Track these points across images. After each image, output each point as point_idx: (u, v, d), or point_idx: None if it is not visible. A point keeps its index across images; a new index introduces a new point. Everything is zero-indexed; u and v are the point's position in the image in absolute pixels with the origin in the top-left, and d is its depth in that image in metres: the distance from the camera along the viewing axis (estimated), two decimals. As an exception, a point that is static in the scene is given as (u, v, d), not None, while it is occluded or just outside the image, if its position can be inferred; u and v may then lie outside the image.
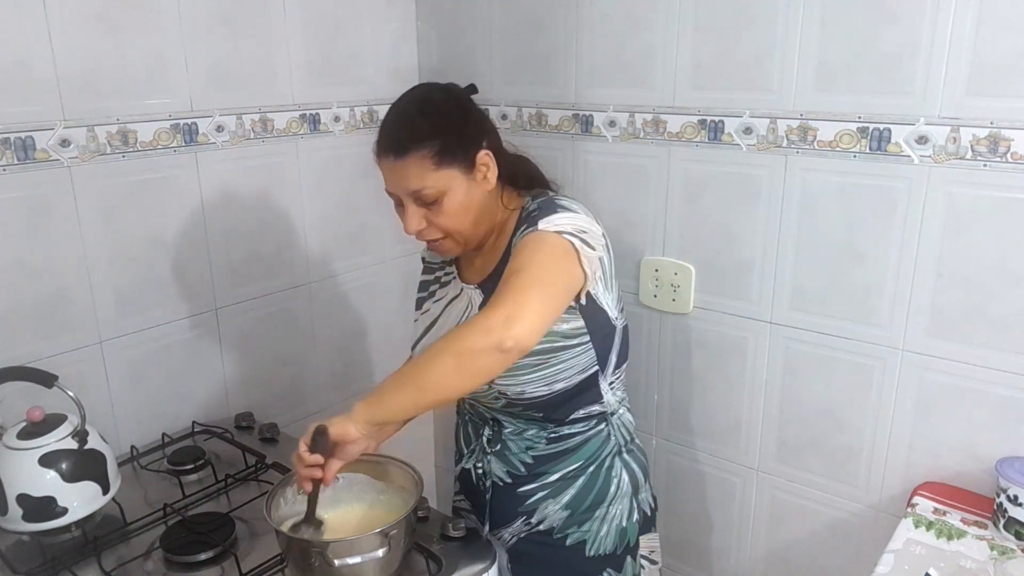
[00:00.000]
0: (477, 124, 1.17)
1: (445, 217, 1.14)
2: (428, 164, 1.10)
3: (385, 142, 1.13)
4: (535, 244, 1.10)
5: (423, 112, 1.13)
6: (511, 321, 0.98)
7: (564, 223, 1.12)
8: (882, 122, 1.32)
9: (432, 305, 1.31)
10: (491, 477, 1.28)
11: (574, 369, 1.17)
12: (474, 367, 1.01)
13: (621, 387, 1.29)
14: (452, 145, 1.11)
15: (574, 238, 1.11)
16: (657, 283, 1.65)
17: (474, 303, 1.22)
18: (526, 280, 1.04)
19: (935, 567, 1.16)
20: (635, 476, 1.29)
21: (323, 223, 1.83)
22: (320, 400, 1.92)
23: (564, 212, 1.14)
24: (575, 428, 1.23)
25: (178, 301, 1.59)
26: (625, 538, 1.27)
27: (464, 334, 1.00)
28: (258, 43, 1.62)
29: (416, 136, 1.10)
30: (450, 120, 1.13)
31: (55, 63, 1.33)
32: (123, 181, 1.46)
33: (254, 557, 1.19)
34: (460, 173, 1.13)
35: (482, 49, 1.83)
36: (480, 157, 1.14)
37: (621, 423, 1.28)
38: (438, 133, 1.11)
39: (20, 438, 1.20)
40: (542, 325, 1.04)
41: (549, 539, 1.26)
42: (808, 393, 1.51)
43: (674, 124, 1.55)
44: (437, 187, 1.11)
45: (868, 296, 1.40)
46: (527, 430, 1.23)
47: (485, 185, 1.16)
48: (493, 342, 0.98)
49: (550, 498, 1.24)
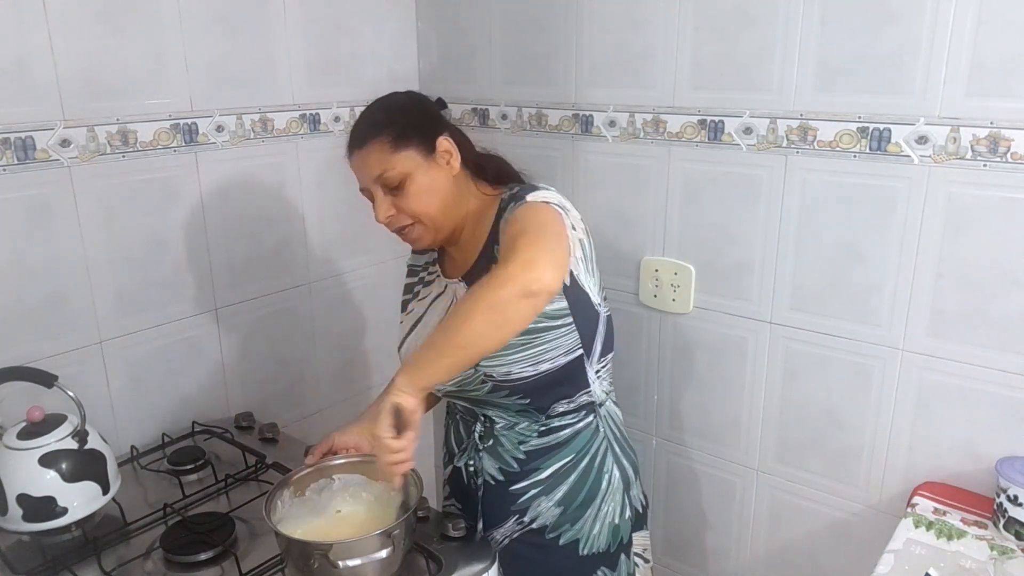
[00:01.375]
0: (434, 117, 1.24)
1: (411, 199, 1.18)
2: (386, 147, 1.16)
3: (350, 141, 1.21)
4: (531, 212, 1.13)
5: (381, 109, 1.22)
6: (531, 265, 1.00)
7: (550, 197, 1.17)
8: (882, 122, 1.32)
9: (416, 304, 1.33)
10: (482, 475, 1.28)
11: (559, 350, 1.17)
12: (507, 316, 1.01)
13: (608, 378, 1.29)
14: (408, 130, 1.17)
15: (560, 210, 1.16)
16: (657, 283, 1.65)
17: (458, 297, 1.23)
18: (532, 235, 1.06)
19: (935, 567, 1.16)
20: (626, 472, 1.29)
21: (323, 223, 1.83)
22: (320, 400, 1.92)
23: (545, 190, 1.19)
24: (565, 420, 1.24)
25: (178, 301, 1.59)
26: (618, 535, 1.28)
27: (488, 289, 1.00)
28: (258, 43, 1.62)
29: (374, 125, 1.18)
30: (405, 110, 1.21)
31: (55, 63, 1.33)
32: (123, 181, 1.46)
33: (254, 557, 1.19)
34: (419, 156, 1.18)
35: (482, 49, 1.83)
36: (440, 142, 1.19)
37: (609, 415, 1.29)
38: (394, 121, 1.18)
39: (20, 438, 1.20)
40: (562, 267, 1.06)
41: (542, 539, 1.25)
42: (808, 393, 1.51)
43: (674, 124, 1.55)
44: (398, 169, 1.16)
45: (868, 296, 1.40)
46: (518, 423, 1.24)
47: (449, 170, 1.20)
48: (519, 288, 0.99)
49: (543, 495, 1.24)
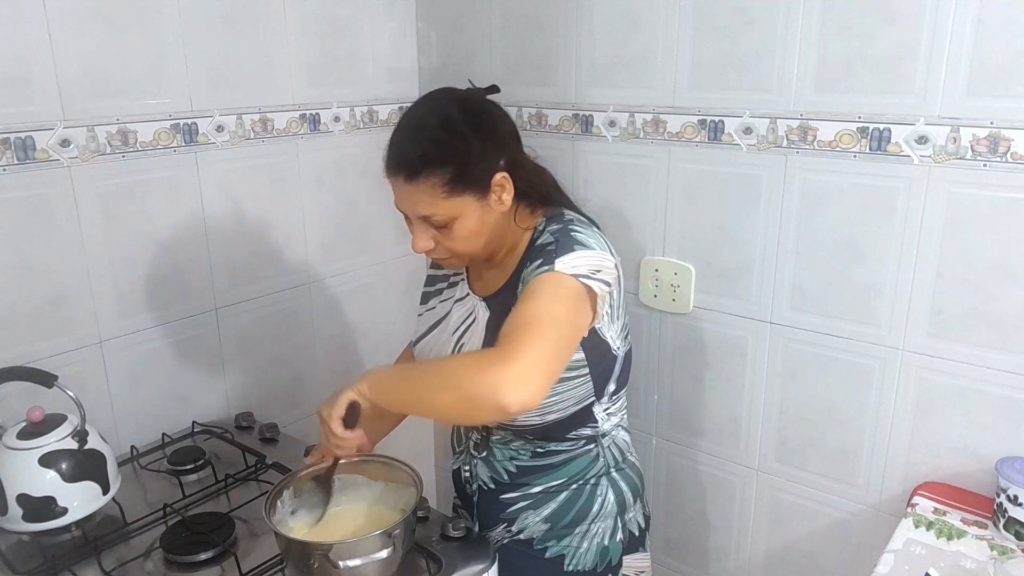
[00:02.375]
0: (496, 142, 1.10)
1: (455, 241, 1.10)
2: (439, 192, 1.05)
3: (395, 161, 1.07)
4: (551, 288, 1.04)
5: (437, 133, 1.06)
6: (520, 383, 0.94)
7: (580, 265, 1.07)
8: (882, 122, 1.32)
9: (439, 304, 1.29)
10: (477, 480, 1.27)
11: (569, 401, 1.15)
12: (472, 414, 1.04)
13: (620, 411, 1.25)
14: (467, 171, 1.05)
15: (590, 280, 1.07)
16: (657, 283, 1.65)
17: (479, 317, 1.20)
18: (540, 333, 0.99)
19: (935, 567, 1.16)
20: (622, 496, 1.25)
21: (323, 223, 1.83)
22: (320, 400, 1.91)
23: (580, 250, 1.08)
24: (563, 446, 1.21)
25: (178, 301, 1.59)
26: (607, 557, 1.24)
27: (473, 377, 0.96)
28: (258, 43, 1.62)
29: (428, 160, 1.05)
30: (467, 143, 1.06)
31: (55, 63, 1.33)
32: (123, 181, 1.46)
33: (254, 557, 1.18)
34: (474, 200, 1.08)
35: (482, 49, 1.83)
36: (496, 179, 1.09)
37: (614, 443, 1.25)
38: (452, 159, 1.05)
39: (20, 438, 1.19)
40: (549, 386, 1.01)
41: (529, 549, 1.24)
42: (808, 393, 1.51)
43: (674, 124, 1.55)
44: (449, 214, 1.07)
45: (868, 296, 1.40)
46: (514, 441, 1.22)
47: (500, 207, 1.11)
48: (499, 402, 0.94)
49: (530, 509, 1.23)
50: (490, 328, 1.17)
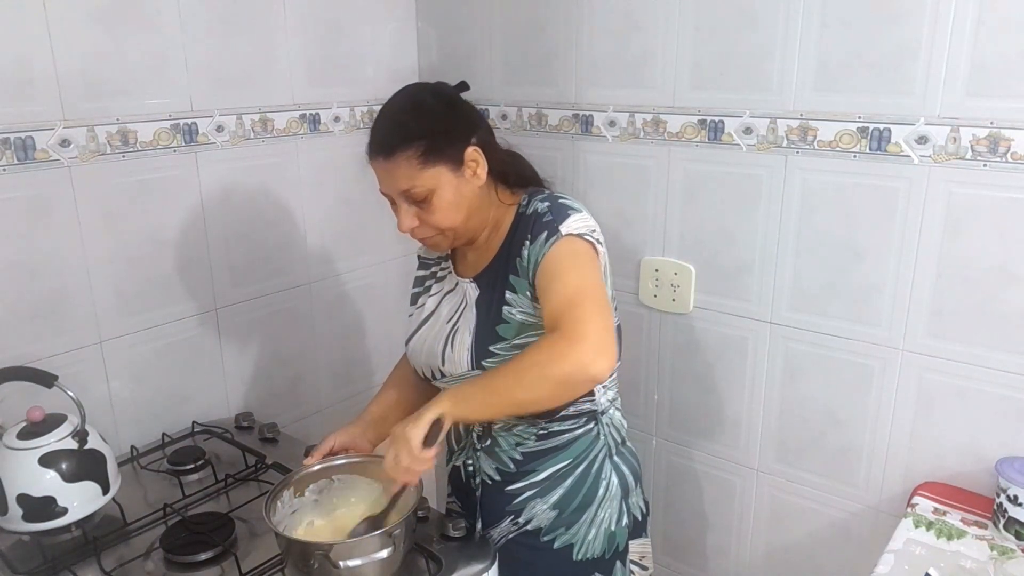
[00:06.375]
0: (465, 121, 1.19)
1: (437, 214, 1.16)
2: (415, 163, 1.12)
3: (375, 144, 1.16)
4: (570, 258, 1.13)
5: (410, 112, 1.16)
6: (600, 354, 1.04)
7: (581, 226, 1.15)
8: (882, 122, 1.32)
9: (427, 300, 1.32)
10: (480, 475, 1.28)
11: None
12: (573, 392, 1.13)
13: (613, 387, 1.29)
14: (439, 143, 1.13)
15: (592, 239, 1.15)
16: (657, 283, 1.65)
17: (469, 297, 1.23)
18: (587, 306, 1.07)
19: (935, 567, 1.16)
20: (625, 479, 1.28)
21: (323, 223, 1.83)
22: (320, 400, 1.92)
23: (575, 214, 1.16)
24: (564, 425, 1.23)
25: (178, 301, 1.59)
26: (614, 543, 1.26)
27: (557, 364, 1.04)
28: (258, 43, 1.62)
29: (403, 136, 1.13)
30: (436, 119, 1.15)
31: (55, 63, 1.33)
32: (123, 181, 1.46)
33: (254, 557, 1.18)
34: (448, 170, 1.14)
35: (482, 49, 1.83)
36: (468, 153, 1.16)
37: (611, 423, 1.28)
38: (424, 133, 1.13)
39: (20, 438, 1.20)
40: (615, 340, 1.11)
41: (536, 541, 1.25)
42: (808, 393, 1.51)
43: (674, 124, 1.55)
44: (426, 185, 1.13)
45: (868, 296, 1.40)
46: (516, 425, 1.23)
47: (475, 181, 1.18)
48: (592, 375, 1.04)
49: (538, 497, 1.24)
50: (480, 306, 1.21)
